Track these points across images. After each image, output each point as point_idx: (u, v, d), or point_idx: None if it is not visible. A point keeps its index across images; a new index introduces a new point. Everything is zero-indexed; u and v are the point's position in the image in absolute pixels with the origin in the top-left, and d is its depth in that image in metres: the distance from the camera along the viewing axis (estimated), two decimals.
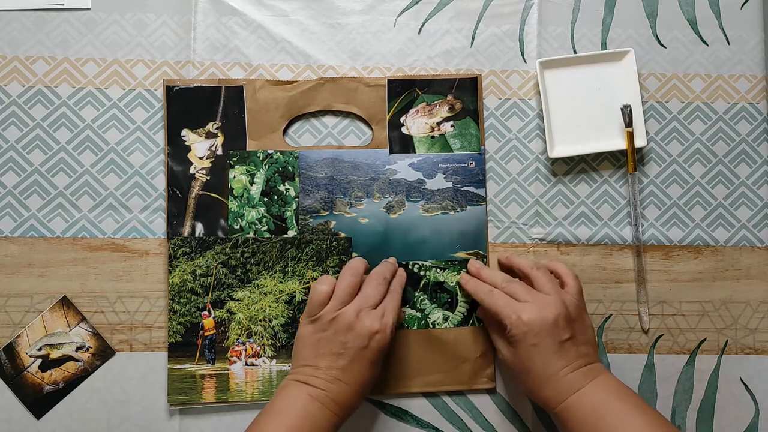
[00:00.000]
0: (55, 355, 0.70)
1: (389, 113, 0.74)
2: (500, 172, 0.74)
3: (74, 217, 0.72)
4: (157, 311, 0.71)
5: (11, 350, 0.70)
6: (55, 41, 0.73)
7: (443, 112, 0.74)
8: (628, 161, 0.73)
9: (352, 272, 0.66)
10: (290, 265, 0.72)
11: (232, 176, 0.72)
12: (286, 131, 0.73)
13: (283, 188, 0.72)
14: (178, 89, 0.72)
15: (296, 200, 0.72)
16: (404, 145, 0.74)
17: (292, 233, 0.72)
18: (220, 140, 0.72)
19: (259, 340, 0.71)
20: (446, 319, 0.72)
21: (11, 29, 0.73)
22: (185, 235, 0.71)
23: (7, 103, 0.72)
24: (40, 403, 0.70)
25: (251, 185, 0.72)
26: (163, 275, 0.71)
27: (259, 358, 0.71)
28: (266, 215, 0.72)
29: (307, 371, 0.63)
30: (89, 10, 0.74)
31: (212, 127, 0.72)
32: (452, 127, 0.74)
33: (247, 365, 0.71)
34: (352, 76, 0.74)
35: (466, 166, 0.74)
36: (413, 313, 0.72)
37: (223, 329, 0.71)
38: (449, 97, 0.74)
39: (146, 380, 0.71)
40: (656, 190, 0.75)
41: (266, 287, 0.71)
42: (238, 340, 0.71)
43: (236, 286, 0.71)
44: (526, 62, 0.75)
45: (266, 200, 0.72)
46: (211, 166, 0.72)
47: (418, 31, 0.75)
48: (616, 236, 0.74)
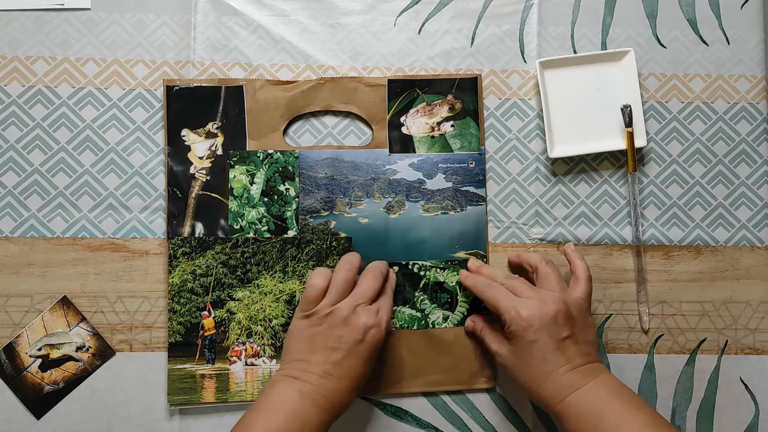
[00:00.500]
0: (55, 355, 0.70)
1: (389, 113, 0.74)
2: (500, 172, 0.74)
3: (74, 217, 0.72)
4: (157, 311, 0.71)
5: (11, 350, 0.70)
6: (55, 41, 0.73)
7: (443, 112, 0.74)
8: (628, 161, 0.73)
9: (348, 267, 0.66)
10: (290, 265, 0.72)
11: (232, 176, 0.72)
12: (286, 131, 0.73)
13: (283, 188, 0.72)
14: (178, 89, 0.72)
15: (296, 200, 0.72)
16: (404, 145, 0.74)
17: (292, 233, 0.72)
18: (220, 140, 0.72)
19: (259, 340, 0.71)
20: (446, 319, 0.72)
21: (11, 29, 0.73)
22: (185, 235, 0.71)
23: (7, 103, 0.72)
24: (40, 403, 0.70)
25: (251, 185, 0.72)
26: (163, 275, 0.71)
27: (259, 358, 0.71)
28: (266, 215, 0.72)
29: (298, 366, 0.63)
30: (89, 10, 0.74)
31: (212, 127, 0.72)
32: (452, 127, 0.74)
33: (247, 365, 0.71)
34: (352, 76, 0.74)
35: (466, 166, 0.74)
36: (413, 313, 0.72)
37: (223, 329, 0.71)
38: (449, 97, 0.74)
39: (146, 380, 0.70)
40: (656, 190, 0.75)
41: (266, 287, 0.71)
42: (238, 340, 0.71)
43: (236, 286, 0.71)
44: (526, 62, 0.75)
45: (266, 200, 0.72)
46: (211, 166, 0.72)
47: (418, 31, 0.75)
48: (616, 236, 0.74)
